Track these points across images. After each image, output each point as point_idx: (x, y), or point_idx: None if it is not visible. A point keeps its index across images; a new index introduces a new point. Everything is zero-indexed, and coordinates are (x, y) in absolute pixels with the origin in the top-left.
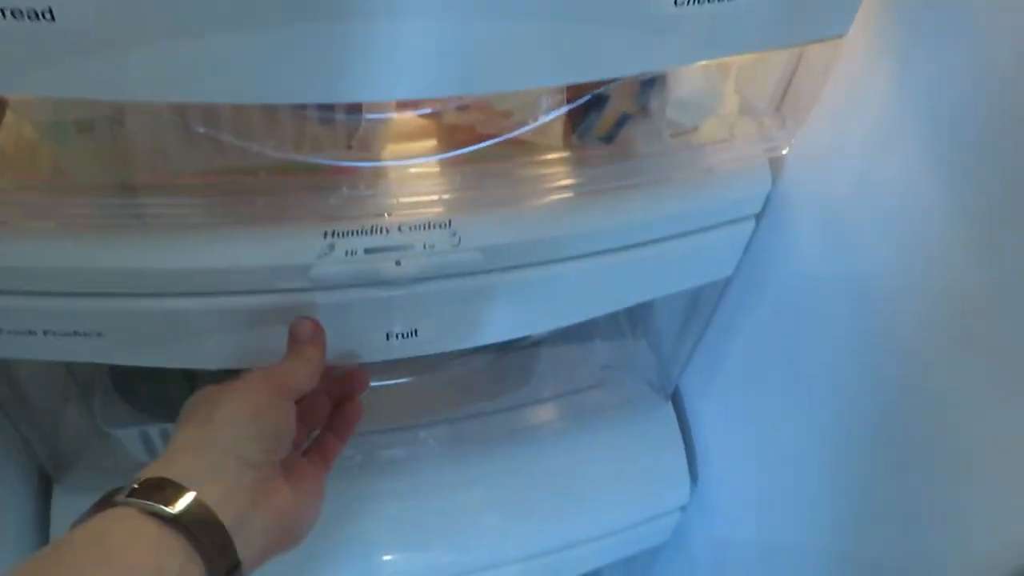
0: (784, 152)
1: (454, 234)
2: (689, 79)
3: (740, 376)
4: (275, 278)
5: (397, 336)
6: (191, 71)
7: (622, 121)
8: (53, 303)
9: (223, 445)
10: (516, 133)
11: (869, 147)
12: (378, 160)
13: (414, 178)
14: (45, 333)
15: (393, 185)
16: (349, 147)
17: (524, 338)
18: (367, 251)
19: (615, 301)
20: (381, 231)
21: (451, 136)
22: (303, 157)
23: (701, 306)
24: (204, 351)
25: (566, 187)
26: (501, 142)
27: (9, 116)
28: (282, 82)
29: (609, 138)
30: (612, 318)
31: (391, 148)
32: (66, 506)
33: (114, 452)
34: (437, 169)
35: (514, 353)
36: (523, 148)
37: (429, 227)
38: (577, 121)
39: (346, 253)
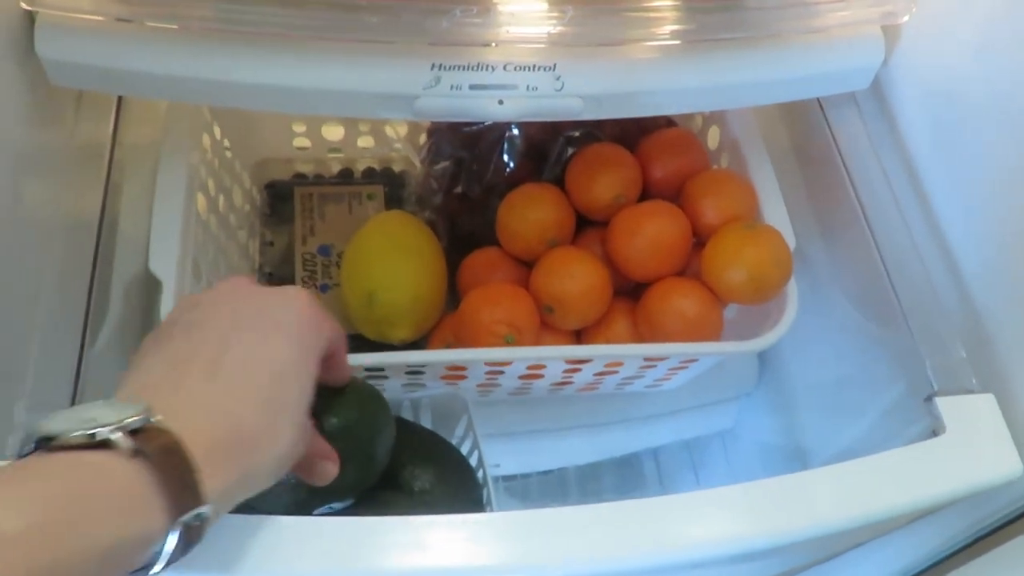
0: (903, 20)
1: (558, 78)
2: None
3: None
4: (379, 107)
5: None
6: None
7: None
8: None
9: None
10: None
11: (994, 19)
12: None
13: (524, 11)
14: None
15: (503, 15)
16: None
17: None
18: (472, 87)
19: None
20: (487, 68)
21: None
22: None
23: None
24: None
25: (675, 33)
26: None
27: None
28: None
29: None
30: None
31: None
32: None
33: None
34: (546, 4)
35: None
36: None
37: (534, 68)
38: None
39: (451, 87)
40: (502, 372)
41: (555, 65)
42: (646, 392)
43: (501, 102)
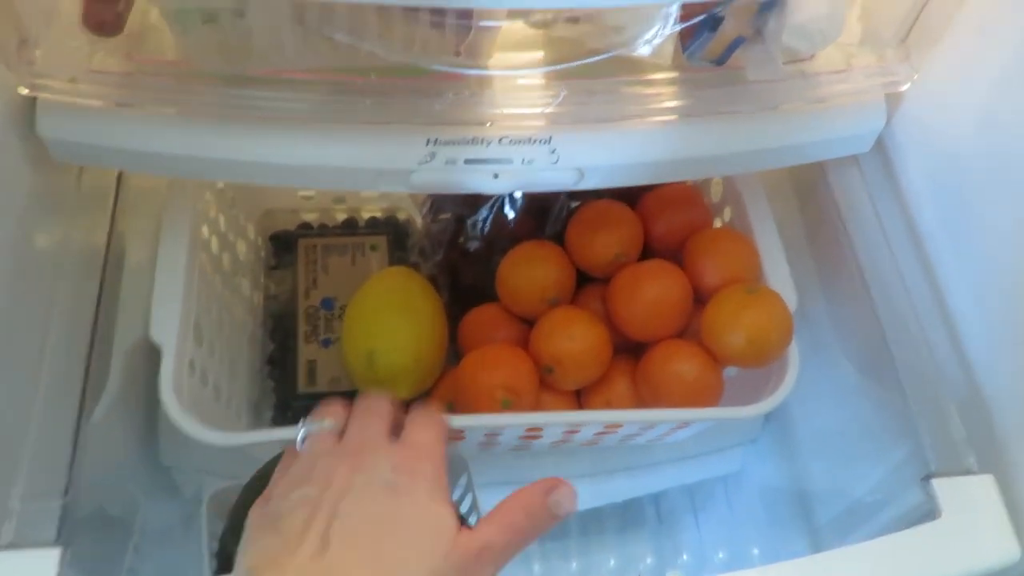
0: (904, 88)
1: (553, 151)
2: (810, 4)
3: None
4: (377, 180)
5: None
6: None
7: (735, 44)
8: None
9: None
10: (625, 50)
11: (996, 91)
12: (485, 69)
13: (518, 90)
14: None
15: (497, 95)
16: (457, 53)
17: None
18: (467, 161)
19: None
20: (482, 142)
21: (559, 49)
22: (412, 60)
23: None
24: None
25: (671, 109)
26: (609, 58)
27: (139, 1)
28: None
29: (720, 61)
30: None
31: (498, 57)
32: None
33: None
34: (542, 82)
35: None
36: (631, 66)
37: (529, 142)
38: (688, 41)
39: (446, 162)
40: (500, 434)
41: (551, 138)
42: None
43: (496, 175)
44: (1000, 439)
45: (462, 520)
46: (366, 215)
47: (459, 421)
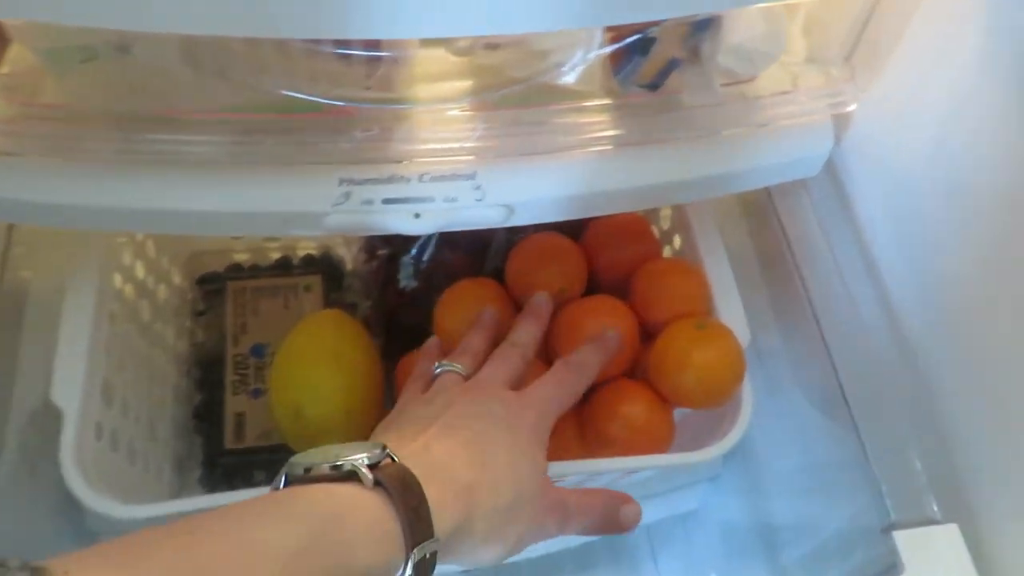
0: (851, 109)
1: (478, 187)
2: (747, 22)
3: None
4: (287, 225)
5: None
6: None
7: (669, 67)
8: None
9: None
10: (551, 77)
11: (947, 109)
12: (399, 102)
13: (438, 123)
14: None
15: (415, 130)
16: (368, 87)
17: None
18: (385, 201)
19: None
20: (400, 180)
21: (482, 78)
22: (317, 96)
23: None
24: None
25: (606, 138)
26: (535, 86)
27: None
28: (290, 14)
29: (654, 85)
30: None
31: (417, 88)
32: None
33: None
34: (464, 114)
35: None
36: (558, 94)
37: (452, 178)
38: (619, 65)
39: (362, 202)
40: None
41: (475, 174)
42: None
43: (418, 215)
44: (963, 483)
45: None
46: (301, 252)
47: None
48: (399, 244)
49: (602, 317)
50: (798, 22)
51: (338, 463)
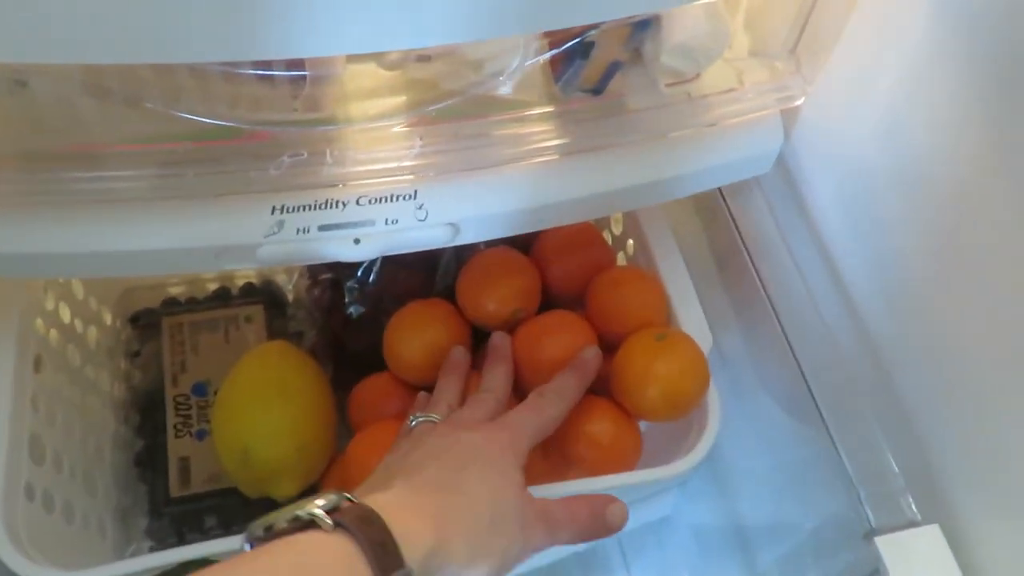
0: (799, 103)
1: (420, 207)
2: (688, 20)
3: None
4: (219, 259)
5: None
6: (92, 26)
7: (612, 70)
8: None
9: None
10: (489, 87)
11: (897, 97)
12: (329, 122)
13: (373, 142)
14: None
15: (349, 151)
16: (295, 109)
17: None
18: (321, 228)
19: None
20: (336, 205)
21: (417, 92)
22: (238, 121)
23: None
24: None
25: (550, 148)
26: (473, 98)
27: None
28: (199, 36)
29: (597, 90)
30: None
31: (345, 108)
32: None
33: None
34: (400, 131)
35: None
36: (498, 104)
37: (392, 199)
38: (560, 71)
39: (297, 231)
40: None
41: (415, 192)
42: None
43: (357, 241)
44: (939, 480)
45: None
46: (240, 281)
47: None
48: (342, 268)
49: (560, 336)
50: (740, 17)
51: (296, 514)
